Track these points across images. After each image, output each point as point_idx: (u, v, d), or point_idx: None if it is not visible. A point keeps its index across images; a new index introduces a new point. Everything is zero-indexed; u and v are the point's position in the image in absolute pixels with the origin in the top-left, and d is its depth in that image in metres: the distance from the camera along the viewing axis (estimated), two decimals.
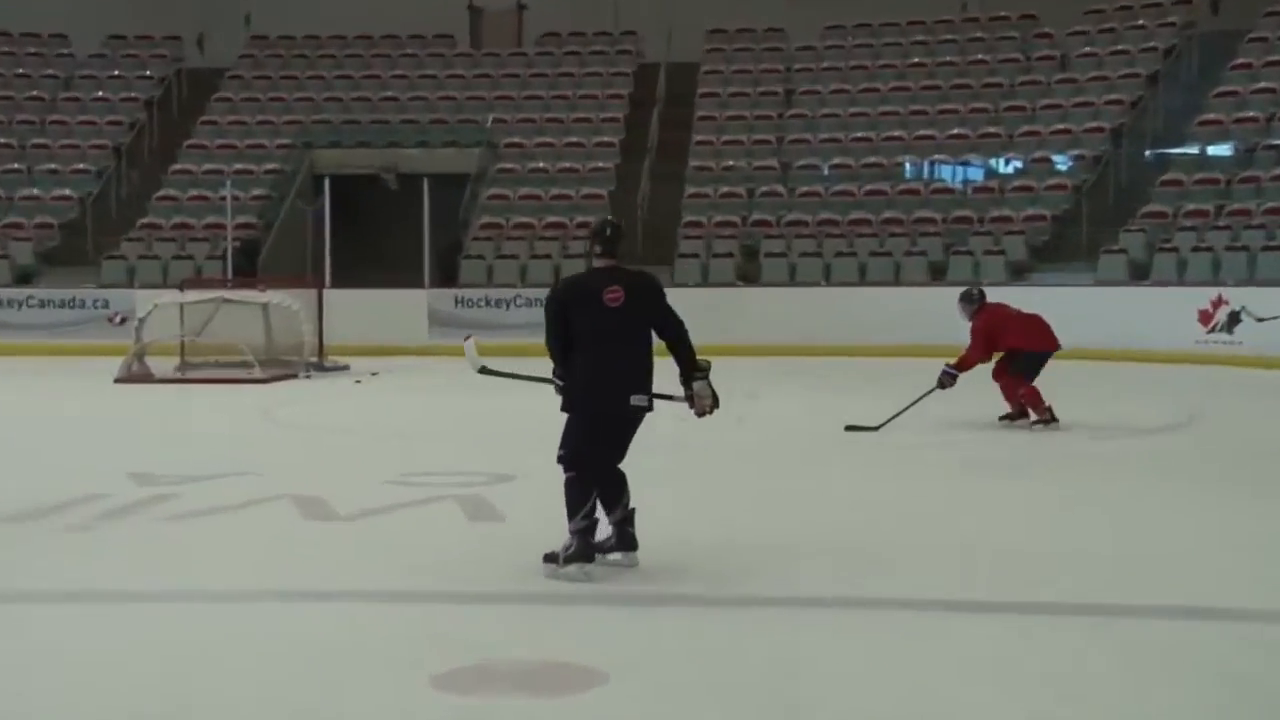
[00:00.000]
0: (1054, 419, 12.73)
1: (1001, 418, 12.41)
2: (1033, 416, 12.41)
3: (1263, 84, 24.83)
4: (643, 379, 7.13)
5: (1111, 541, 8.11)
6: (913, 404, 12.36)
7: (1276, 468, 11.47)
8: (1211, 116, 24.52)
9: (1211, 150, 24.46)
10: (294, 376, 18.57)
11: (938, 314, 18.64)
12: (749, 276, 23.13)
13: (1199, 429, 14.12)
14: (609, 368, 7.02)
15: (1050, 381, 13.65)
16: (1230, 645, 6.02)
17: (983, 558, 7.57)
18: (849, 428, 12.27)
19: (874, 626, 6.47)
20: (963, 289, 14.11)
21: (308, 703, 5.31)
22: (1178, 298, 20.60)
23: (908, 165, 25.74)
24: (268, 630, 6.45)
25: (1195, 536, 8.37)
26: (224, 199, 22.93)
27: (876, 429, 12.08)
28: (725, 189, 25.04)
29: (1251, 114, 24.30)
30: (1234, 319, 19.78)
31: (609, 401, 7.11)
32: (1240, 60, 25.46)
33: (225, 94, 28.47)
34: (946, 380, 12.24)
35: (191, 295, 19.39)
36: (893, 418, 12.27)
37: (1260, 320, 19.20)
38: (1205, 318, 20.00)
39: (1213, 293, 20.05)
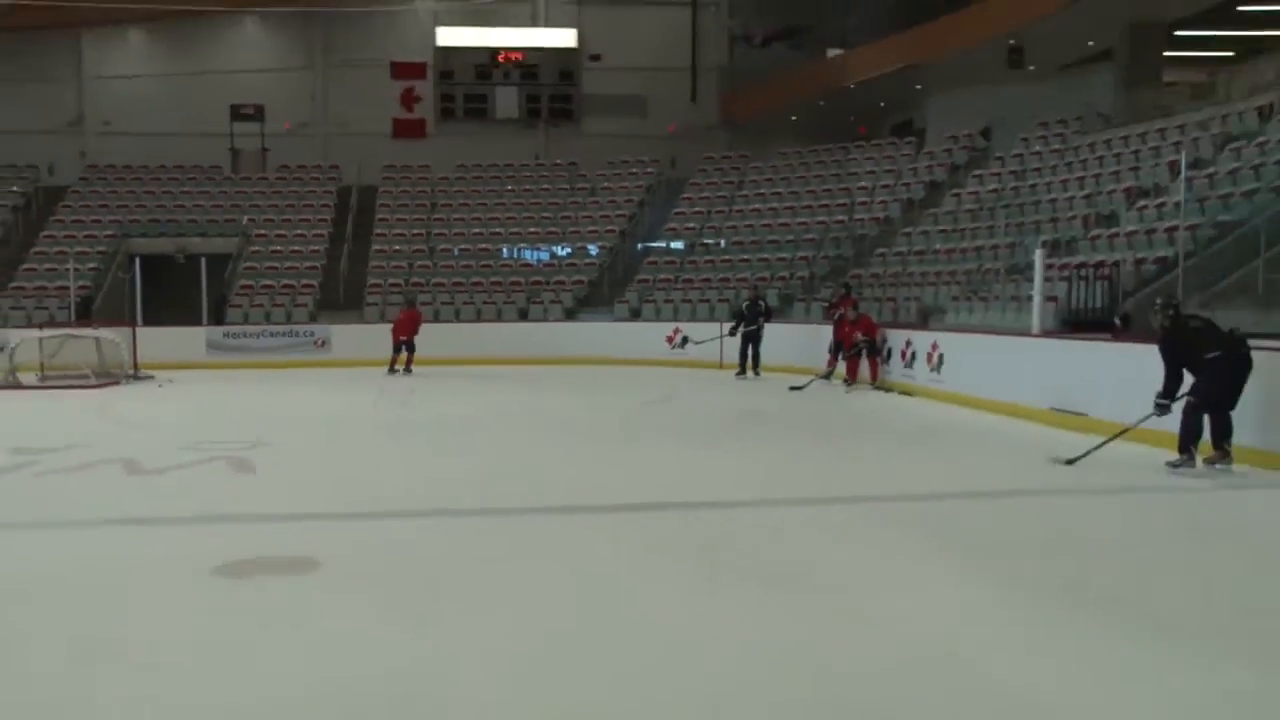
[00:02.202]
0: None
1: None
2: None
3: (698, 208, 30.51)
4: None
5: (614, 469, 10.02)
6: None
7: (718, 423, 13.87)
8: (673, 225, 30.09)
9: (673, 244, 29.42)
10: (117, 383, 19.45)
11: (524, 337, 25.22)
12: None
13: (675, 404, 16.63)
14: None
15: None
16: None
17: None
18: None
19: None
20: None
21: (123, 589, 5.85)
22: (657, 329, 24.89)
23: (505, 249, 29.67)
24: (101, 543, 7.07)
25: (673, 463, 10.16)
26: (69, 269, 25.51)
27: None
28: (395, 263, 28.57)
29: (691, 225, 29.95)
30: (684, 341, 24.03)
31: None
32: (686, 195, 31.21)
33: (68, 202, 31.00)
34: None
35: (47, 333, 20.45)
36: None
37: (699, 343, 23.29)
38: (669, 340, 24.34)
39: (671, 326, 24.70)
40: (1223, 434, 9.53)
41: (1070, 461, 9.84)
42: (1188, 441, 9.60)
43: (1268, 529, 7.75)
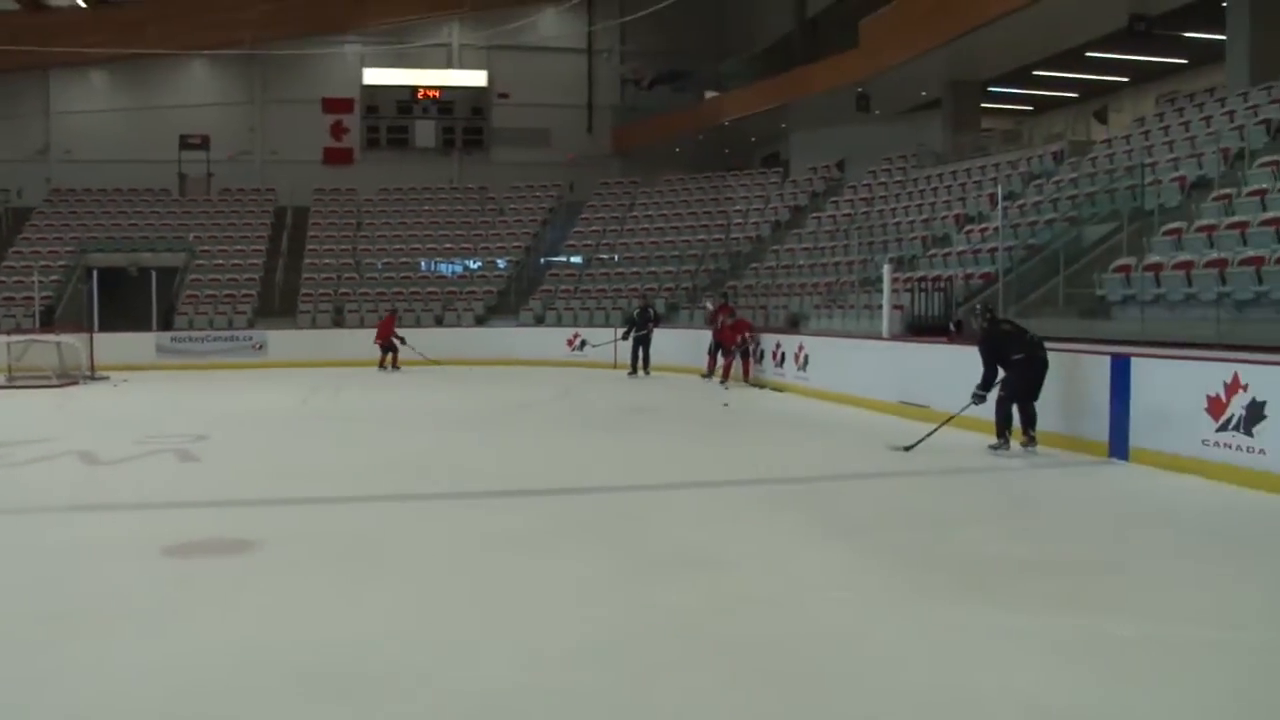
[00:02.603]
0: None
1: None
2: None
3: (594, 227, 30.70)
4: None
5: (502, 460, 9.58)
6: None
7: (611, 416, 13.91)
8: (572, 242, 30.32)
9: (572, 259, 29.63)
10: (76, 384, 19.31)
11: (441, 340, 24.46)
12: (338, 323, 26.44)
13: (572, 398, 16.66)
14: None
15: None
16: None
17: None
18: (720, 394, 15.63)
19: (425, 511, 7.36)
20: None
21: (82, 568, 5.69)
22: (558, 333, 24.97)
23: (423, 263, 29.77)
24: (61, 528, 6.94)
25: (555, 451, 10.28)
26: (34, 282, 25.42)
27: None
28: (324, 275, 28.39)
29: (589, 242, 30.13)
30: (583, 344, 23.87)
31: None
32: (584, 216, 31.41)
33: (34, 222, 30.68)
34: None
35: (15, 338, 20.28)
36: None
37: (595, 346, 23.21)
38: (569, 343, 24.24)
39: (571, 331, 24.64)
40: (1028, 422, 9.84)
41: (908, 449, 9.97)
42: (1002, 428, 9.92)
43: (1073, 499, 8.02)
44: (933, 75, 25.29)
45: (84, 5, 31.64)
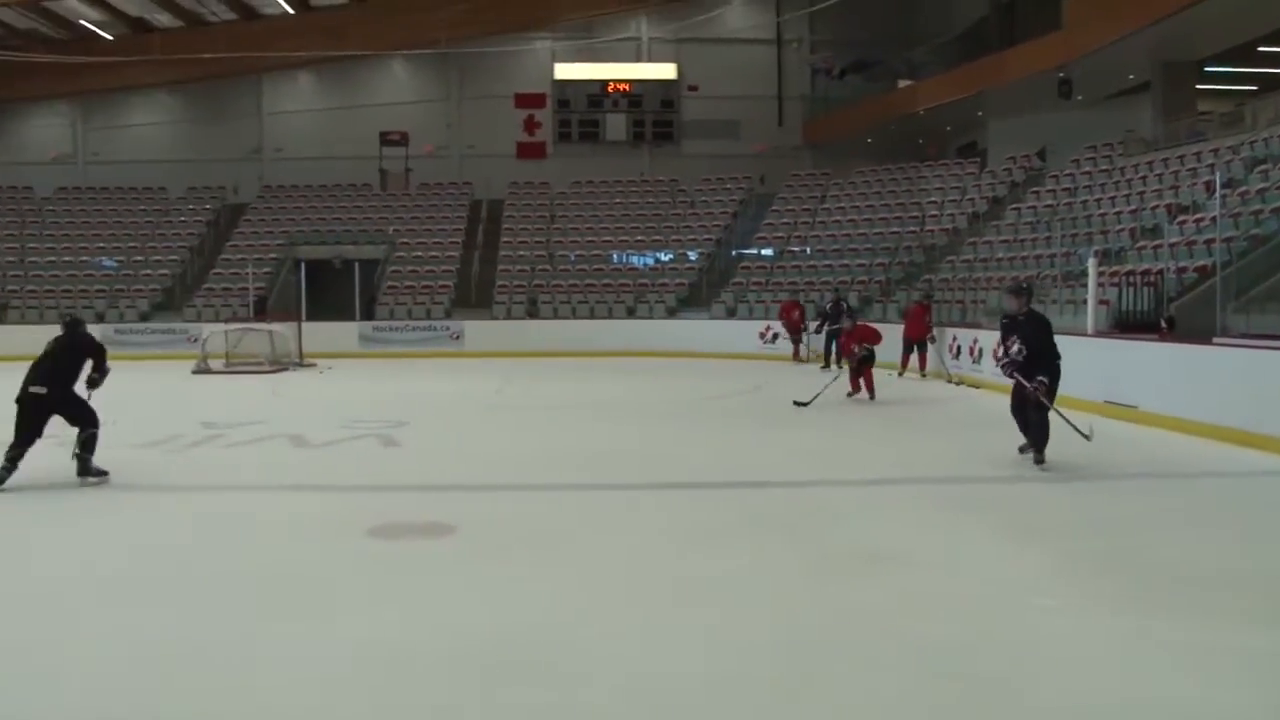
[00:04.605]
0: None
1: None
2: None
3: (785, 219, 30.91)
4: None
5: (709, 453, 9.69)
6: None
7: (806, 410, 13.21)
8: (763, 234, 30.52)
9: (763, 251, 29.88)
10: (286, 369, 20.74)
11: (631, 332, 25.49)
12: (532, 314, 27.75)
13: (762, 392, 16.53)
14: None
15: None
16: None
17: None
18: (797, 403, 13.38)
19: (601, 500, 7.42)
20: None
21: (295, 545, 6.14)
22: (751, 325, 25.03)
23: (615, 255, 30.49)
24: (275, 506, 7.41)
25: (743, 444, 10.27)
26: (248, 274, 26.91)
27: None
28: (519, 267, 29.63)
29: (780, 234, 30.26)
30: (775, 337, 23.52)
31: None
32: (775, 208, 31.63)
33: (248, 217, 32.72)
34: None
35: (231, 326, 21.86)
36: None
37: (812, 332, 22.38)
38: (761, 336, 24.27)
39: (763, 324, 24.47)
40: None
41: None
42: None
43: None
44: (1141, 56, 24.08)
45: (292, 11, 33.26)
